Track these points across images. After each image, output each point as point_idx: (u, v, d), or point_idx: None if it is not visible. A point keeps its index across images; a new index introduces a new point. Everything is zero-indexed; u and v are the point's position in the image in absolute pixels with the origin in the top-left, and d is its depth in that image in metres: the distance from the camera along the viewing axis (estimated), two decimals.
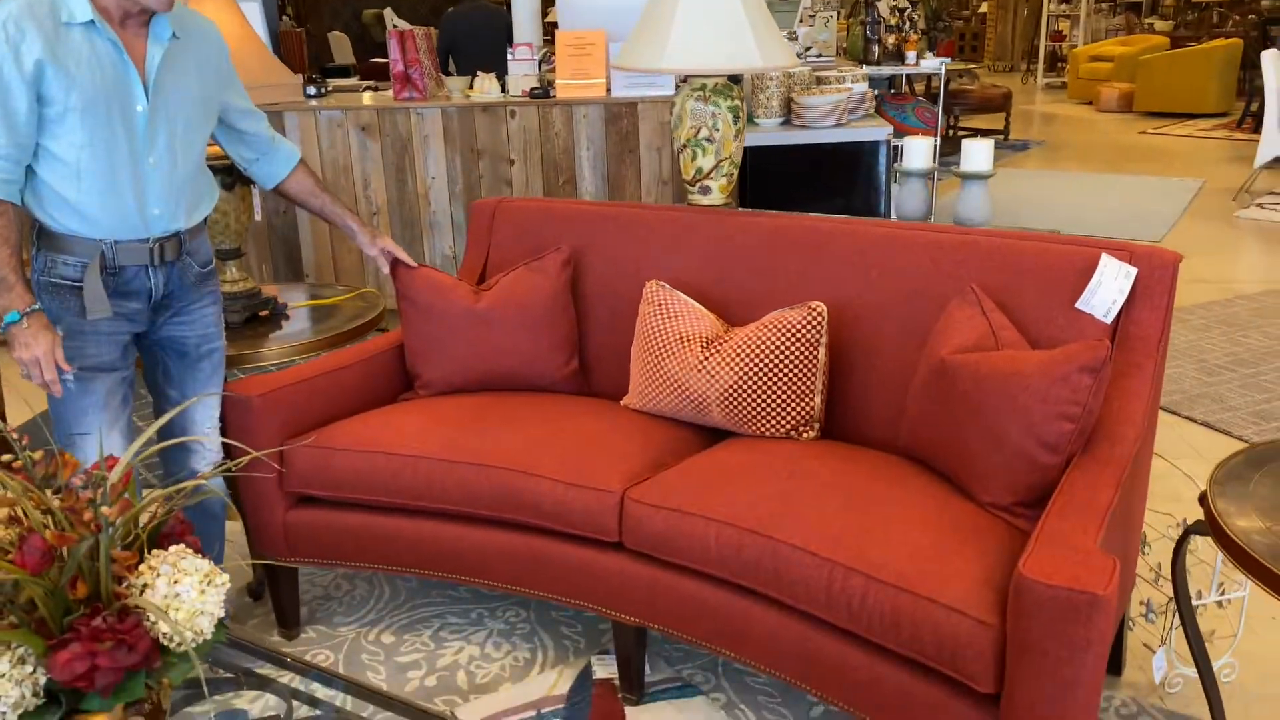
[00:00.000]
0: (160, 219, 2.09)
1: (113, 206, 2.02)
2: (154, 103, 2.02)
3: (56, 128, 1.95)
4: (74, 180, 1.98)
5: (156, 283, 2.14)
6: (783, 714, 2.22)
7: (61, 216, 2.02)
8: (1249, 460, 1.79)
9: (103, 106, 1.96)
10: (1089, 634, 1.49)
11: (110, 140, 1.98)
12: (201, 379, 2.30)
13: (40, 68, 1.89)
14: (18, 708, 1.27)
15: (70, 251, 2.03)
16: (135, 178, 2.03)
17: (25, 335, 1.94)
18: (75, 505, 1.32)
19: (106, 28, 1.95)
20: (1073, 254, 2.15)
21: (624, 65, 2.79)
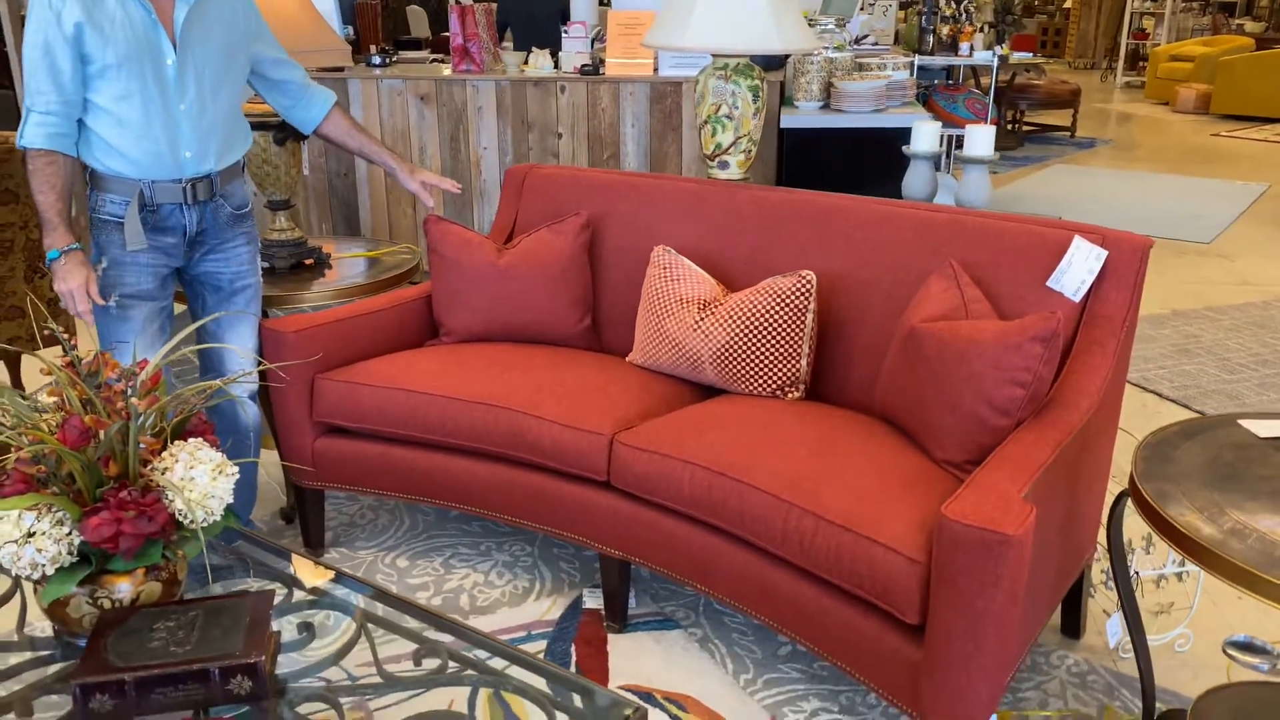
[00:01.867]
0: (191, 161, 2.33)
1: (149, 150, 2.26)
2: (182, 56, 2.26)
3: (98, 82, 2.20)
4: (116, 127, 2.23)
5: (190, 220, 2.38)
6: (753, 650, 2.39)
7: (106, 159, 2.27)
8: (1183, 431, 1.91)
9: (136, 62, 2.20)
10: (999, 571, 1.63)
11: (144, 91, 2.23)
12: (236, 311, 2.54)
13: (79, 30, 2.13)
14: (55, 562, 1.50)
15: (114, 191, 2.29)
16: (168, 124, 2.28)
17: (63, 270, 2.22)
18: (110, 396, 1.55)
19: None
20: (1049, 235, 2.27)
21: (650, 43, 2.96)
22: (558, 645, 2.40)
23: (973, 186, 2.76)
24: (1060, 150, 9.12)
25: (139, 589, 1.58)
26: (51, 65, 2.15)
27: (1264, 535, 1.55)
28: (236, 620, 1.53)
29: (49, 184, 2.22)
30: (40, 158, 2.21)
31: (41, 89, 2.17)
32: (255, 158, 2.92)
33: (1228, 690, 1.96)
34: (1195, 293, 5.05)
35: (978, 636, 1.68)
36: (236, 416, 2.58)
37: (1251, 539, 1.54)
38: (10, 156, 3.07)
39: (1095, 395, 2.08)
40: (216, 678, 1.45)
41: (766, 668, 2.33)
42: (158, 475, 1.55)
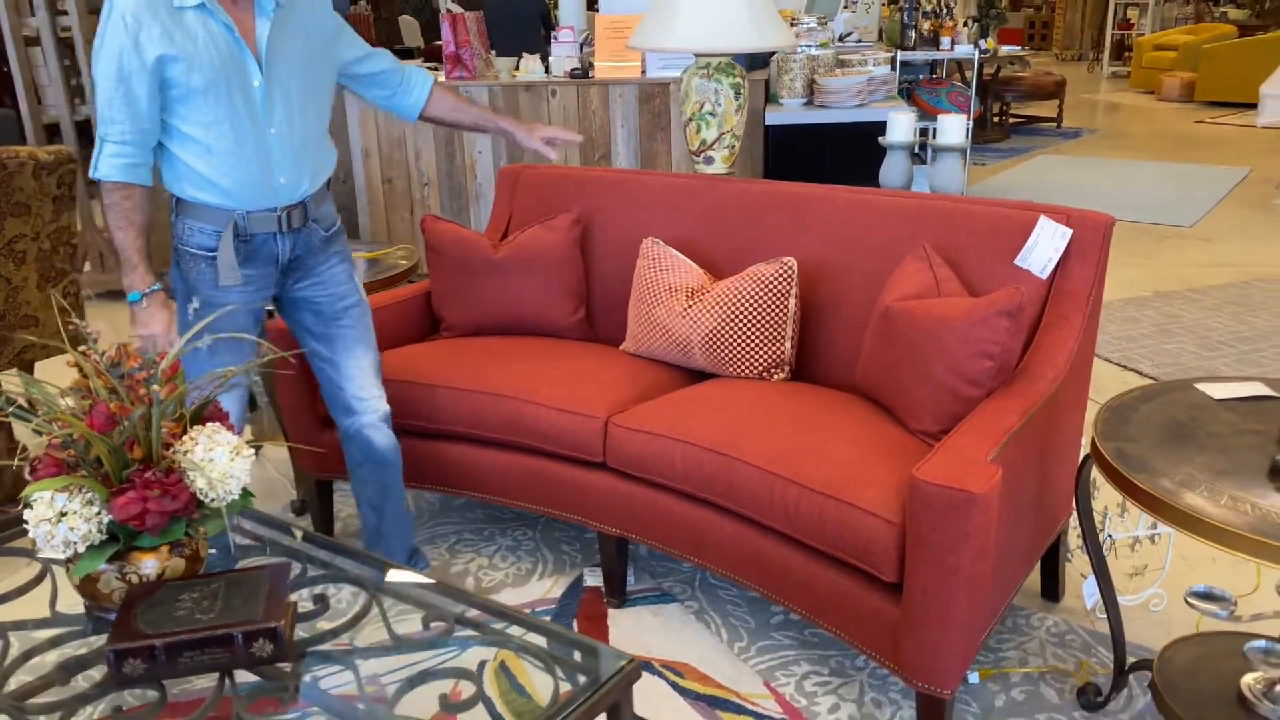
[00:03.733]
0: (286, 187, 2.16)
1: (242, 178, 2.10)
2: (268, 75, 2.08)
3: (182, 108, 2.03)
4: (205, 155, 2.07)
5: (284, 248, 2.22)
6: (746, 620, 2.50)
7: (194, 189, 2.11)
8: (1143, 395, 2.02)
9: (223, 85, 2.03)
10: (967, 527, 1.75)
11: (233, 116, 2.06)
12: (344, 334, 2.36)
13: (160, 56, 1.97)
14: (86, 539, 1.61)
15: (204, 220, 2.12)
16: (260, 150, 2.10)
17: (145, 314, 2.09)
18: (133, 385, 1.66)
19: (219, 9, 2.02)
20: (1017, 217, 2.39)
21: (636, 44, 3.08)
22: (560, 621, 2.51)
23: (945, 173, 2.87)
24: (1046, 141, 9.24)
25: (164, 565, 1.69)
26: (128, 93, 1.98)
27: (1211, 484, 1.66)
28: (256, 590, 1.64)
29: (127, 219, 2.08)
30: (117, 191, 2.06)
31: (116, 118, 2.00)
32: None
33: (1191, 640, 2.07)
34: (1177, 275, 5.16)
35: (950, 591, 1.79)
36: (370, 444, 2.44)
37: (1201, 489, 1.65)
38: (21, 170, 3.19)
39: (1062, 366, 2.19)
40: (240, 642, 1.56)
41: (760, 636, 2.44)
42: (180, 457, 1.66)
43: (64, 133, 5.09)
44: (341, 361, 2.38)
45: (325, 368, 2.39)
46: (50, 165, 3.25)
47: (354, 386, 2.39)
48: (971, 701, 2.20)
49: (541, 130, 2.62)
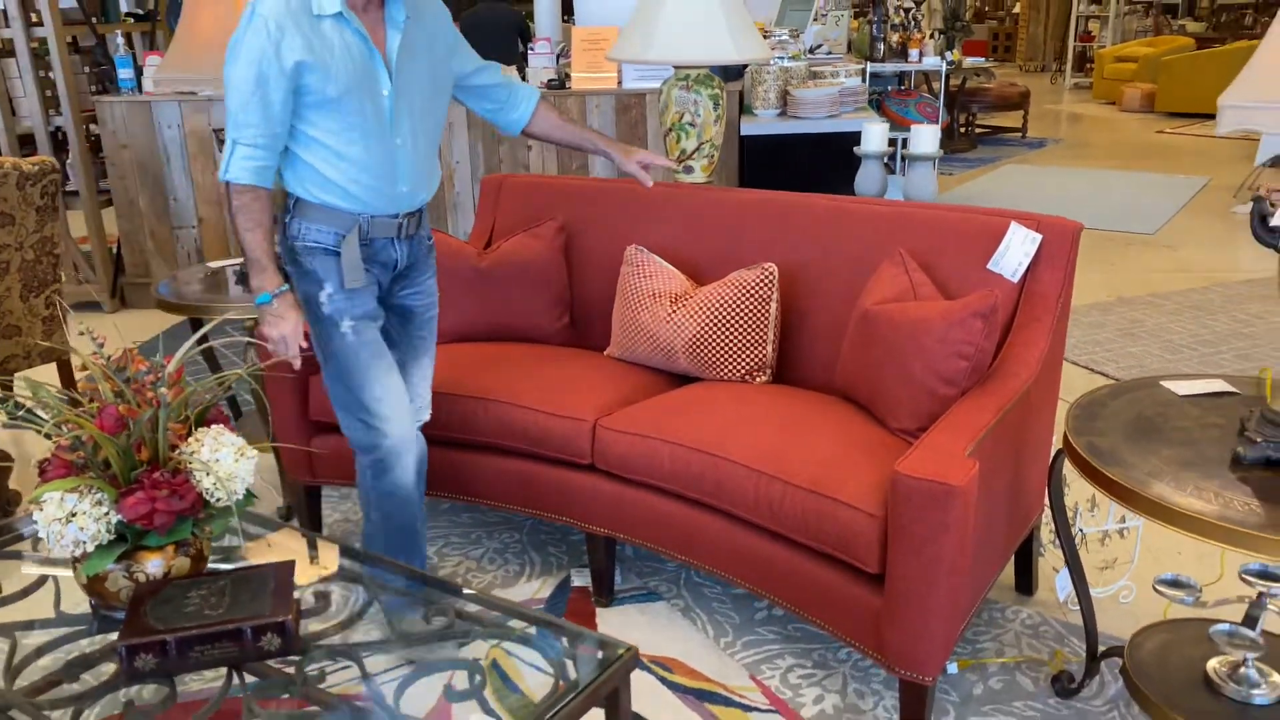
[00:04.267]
0: (407, 195, 2.22)
1: (368, 185, 2.14)
2: (396, 86, 2.12)
3: (314, 115, 2.07)
4: (334, 161, 2.11)
5: (400, 254, 2.28)
6: (731, 617, 2.57)
7: (320, 192, 2.14)
8: (1112, 392, 2.11)
9: (356, 94, 2.07)
10: (946, 519, 1.82)
11: (364, 125, 2.10)
12: (420, 343, 2.43)
13: (299, 63, 2.01)
14: (95, 539, 1.65)
15: (326, 223, 2.16)
16: (386, 158, 2.14)
17: (275, 315, 2.12)
18: (141, 388, 1.70)
19: (354, 18, 2.06)
20: (989, 223, 2.48)
21: (616, 56, 3.15)
22: None
23: (918, 181, 2.96)
24: (1012, 151, 9.41)
25: (169, 563, 1.73)
26: (264, 98, 2.02)
27: (1176, 475, 1.75)
28: (263, 586, 1.69)
29: (255, 221, 2.10)
30: (246, 193, 2.08)
31: (251, 121, 2.03)
32: None
33: (1160, 626, 2.16)
34: (1141, 280, 5.30)
35: (931, 580, 1.87)
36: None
37: (1167, 479, 1.74)
38: (5, 180, 3.20)
39: (1034, 365, 2.28)
40: (249, 636, 1.60)
41: (745, 631, 2.51)
42: (186, 458, 1.70)
43: (39, 143, 5.09)
44: (411, 369, 2.42)
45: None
46: (34, 176, 3.27)
47: (413, 393, 2.42)
48: (951, 691, 2.28)
49: (637, 154, 2.61)
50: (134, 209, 5.16)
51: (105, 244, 5.24)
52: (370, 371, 2.25)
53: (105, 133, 5.04)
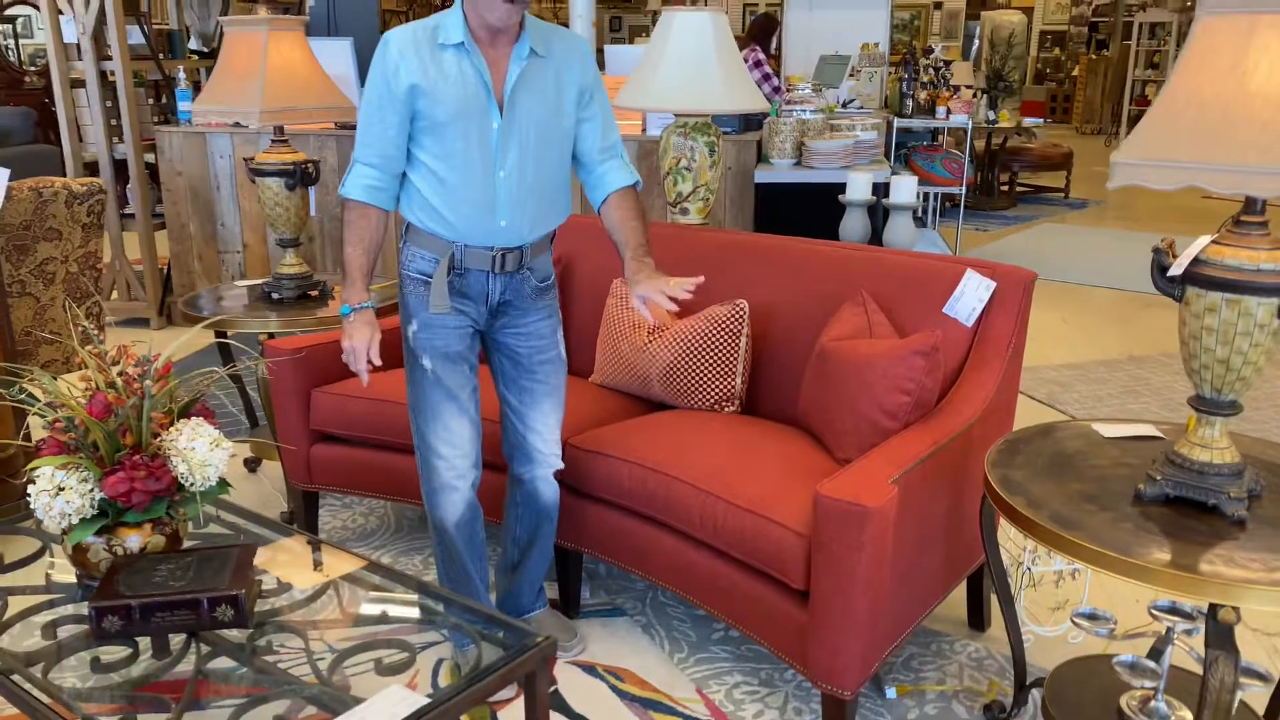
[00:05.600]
0: (505, 230, 2.22)
1: (466, 213, 2.19)
2: (507, 120, 2.16)
3: (425, 139, 2.16)
4: (437, 186, 2.19)
5: (494, 289, 2.28)
6: (689, 635, 2.69)
7: (424, 217, 2.22)
8: (1041, 431, 2.21)
9: (464, 121, 2.13)
10: (861, 537, 1.94)
11: (466, 152, 2.15)
12: (536, 387, 2.41)
13: (413, 90, 2.12)
14: (79, 513, 1.84)
15: (428, 248, 2.24)
16: (486, 189, 2.18)
17: (351, 327, 2.23)
18: (130, 380, 1.91)
19: (475, 50, 2.14)
20: (947, 269, 2.60)
21: (619, 104, 3.35)
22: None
23: (897, 230, 3.10)
24: (1052, 210, 9.46)
25: (146, 540, 1.92)
26: (382, 119, 2.14)
27: (1076, 504, 1.85)
28: (225, 564, 1.86)
29: (357, 237, 2.21)
30: (355, 209, 2.20)
31: (369, 141, 2.17)
32: (269, 200, 3.32)
33: (1084, 660, 2.24)
34: (1153, 340, 5.33)
35: (848, 596, 1.98)
36: (538, 495, 2.50)
37: (1065, 509, 1.84)
38: (55, 198, 3.48)
39: (979, 405, 2.39)
40: (205, 606, 1.77)
41: (699, 649, 2.63)
42: (166, 444, 1.89)
43: (102, 169, 5.43)
44: (528, 413, 2.43)
45: (512, 416, 2.45)
46: (82, 195, 3.55)
47: (536, 439, 2.45)
48: (886, 714, 2.37)
49: (645, 286, 2.26)
50: (184, 232, 5.48)
51: (156, 265, 5.56)
52: (438, 410, 2.31)
53: (163, 160, 5.38)
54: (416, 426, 2.38)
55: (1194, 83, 1.67)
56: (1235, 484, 1.81)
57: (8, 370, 2.08)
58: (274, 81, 3.18)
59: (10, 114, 7.90)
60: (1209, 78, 1.65)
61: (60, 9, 5.21)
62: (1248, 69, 1.62)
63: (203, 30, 6.33)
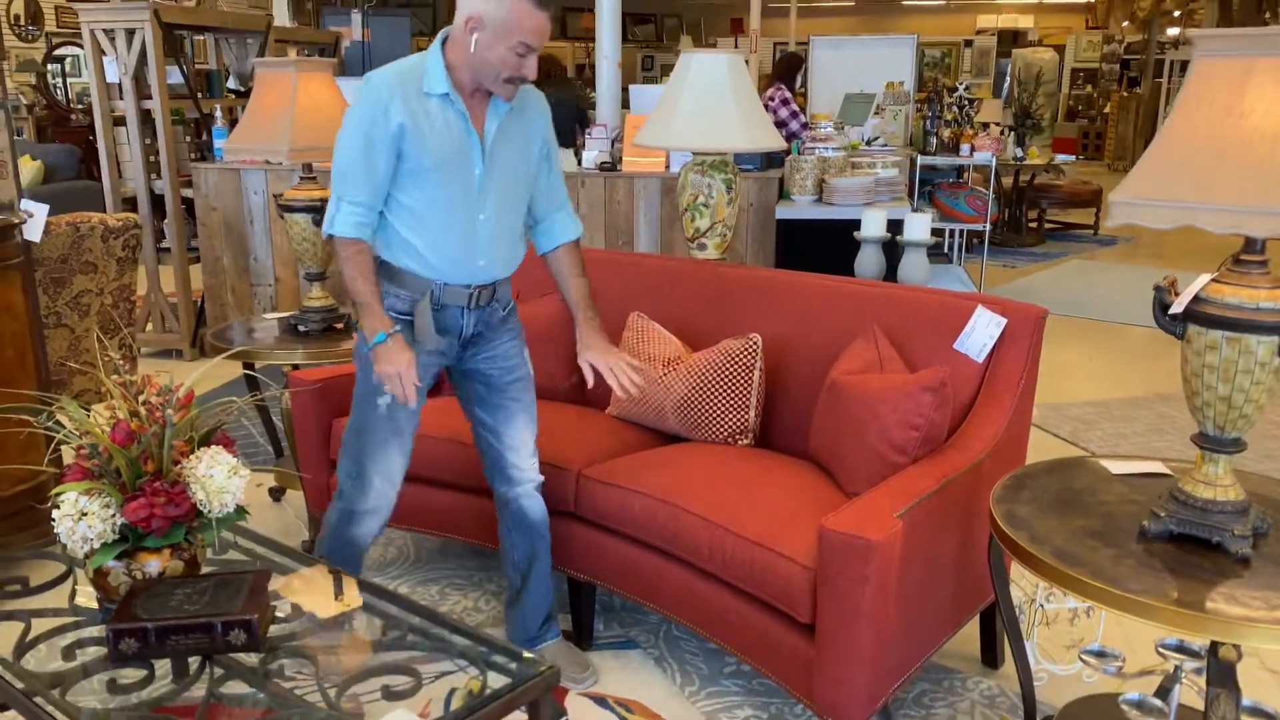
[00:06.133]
0: (484, 269, 2.34)
1: (448, 254, 2.29)
2: (487, 167, 2.28)
3: (408, 181, 2.24)
4: (418, 227, 2.27)
5: (469, 323, 2.39)
6: (700, 668, 2.70)
7: (401, 256, 2.30)
8: (1048, 468, 2.22)
9: (449, 167, 2.23)
10: (866, 571, 1.96)
11: (450, 197, 2.25)
12: (510, 405, 2.50)
13: (402, 129, 2.18)
14: (101, 537, 1.90)
15: (403, 286, 2.31)
16: (468, 231, 2.29)
17: (390, 353, 2.23)
18: (153, 408, 1.97)
19: (459, 99, 2.24)
20: (959, 305, 2.62)
21: (639, 143, 3.41)
22: None
23: (911, 266, 3.12)
24: (1081, 247, 9.42)
25: (165, 565, 1.97)
26: (370, 159, 2.20)
27: (1080, 540, 1.85)
28: (240, 589, 1.91)
29: (362, 271, 2.25)
30: (351, 245, 2.25)
31: (356, 180, 2.21)
32: (296, 235, 3.40)
33: (1094, 698, 2.23)
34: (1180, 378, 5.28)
35: (853, 629, 2.00)
36: (524, 514, 2.56)
37: (1069, 545, 1.85)
38: (91, 233, 3.60)
39: (989, 442, 2.40)
40: (219, 630, 1.82)
41: (710, 682, 2.64)
42: (186, 471, 1.95)
43: (140, 204, 5.58)
44: (505, 431, 2.50)
45: (488, 436, 2.52)
46: (118, 230, 3.66)
47: (514, 456, 2.52)
48: None
49: (593, 355, 2.44)
50: (218, 266, 5.60)
51: (190, 297, 5.68)
52: (385, 445, 2.40)
53: (198, 196, 5.52)
54: (355, 451, 2.43)
55: (1191, 123, 1.70)
56: (1239, 521, 1.81)
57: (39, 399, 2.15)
58: (303, 121, 3.28)
59: (56, 151, 8.14)
60: (1205, 119, 1.68)
61: (104, 50, 5.38)
62: (1244, 111, 1.65)
63: (240, 70, 6.50)
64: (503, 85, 2.21)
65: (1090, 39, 19.36)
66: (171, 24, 5.48)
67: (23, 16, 10.33)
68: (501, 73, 2.19)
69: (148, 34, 5.23)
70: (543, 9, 2.16)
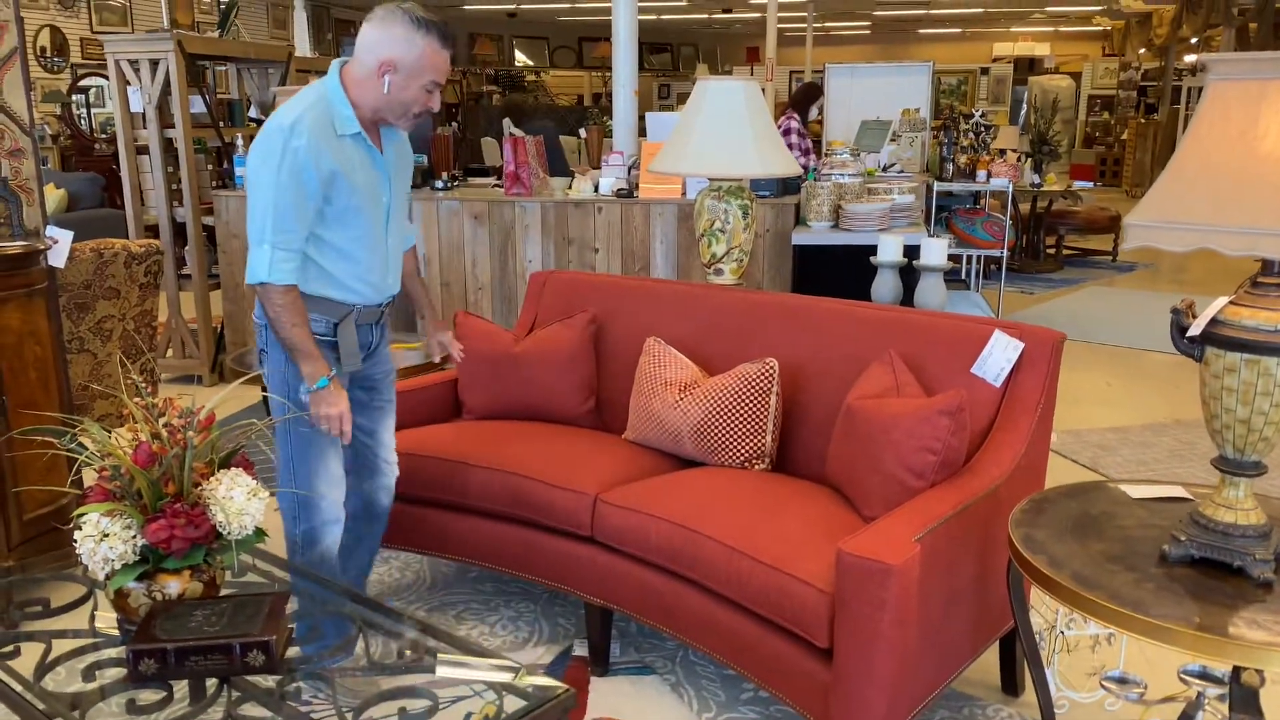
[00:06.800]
0: (391, 285, 2.53)
1: (371, 280, 2.44)
2: (392, 193, 2.46)
3: (335, 223, 2.32)
4: (341, 260, 2.36)
5: (375, 336, 2.56)
6: (718, 694, 2.68)
7: (318, 284, 2.36)
8: (1068, 492, 2.21)
9: (368, 202, 2.36)
10: (884, 595, 1.95)
11: (370, 229, 2.39)
12: (385, 405, 2.68)
13: (334, 174, 2.26)
14: (122, 558, 1.92)
15: (321, 312, 2.38)
16: (382, 254, 2.45)
17: (332, 396, 2.33)
18: (173, 431, 1.99)
19: (364, 137, 2.34)
20: (976, 330, 2.62)
21: (654, 169, 3.44)
22: None
23: (928, 291, 3.13)
24: (1099, 274, 9.38)
25: (185, 587, 1.98)
26: (301, 205, 2.24)
27: (1099, 564, 1.84)
28: (258, 611, 1.91)
29: (300, 316, 2.31)
30: (288, 293, 2.28)
31: (289, 228, 2.24)
32: None
33: None
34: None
35: (871, 654, 1.99)
36: (379, 504, 2.72)
37: (1088, 569, 1.84)
38: (115, 259, 3.64)
39: (1007, 465, 2.39)
40: (237, 651, 1.83)
41: (727, 709, 2.62)
42: (205, 493, 1.96)
43: (162, 231, 5.64)
44: (379, 431, 2.67)
45: (364, 438, 2.63)
46: (140, 256, 3.71)
47: (385, 451, 2.69)
48: None
49: (440, 336, 2.78)
50: (239, 292, 5.65)
51: (210, 323, 5.73)
52: (324, 457, 2.46)
53: (219, 223, 5.59)
54: (301, 475, 2.46)
55: (1205, 146, 1.70)
56: (1261, 546, 1.80)
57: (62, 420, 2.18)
58: None
59: (80, 179, 8.25)
60: (1220, 142, 1.68)
61: (128, 80, 5.47)
62: (1259, 134, 1.65)
63: (262, 99, 6.58)
64: (409, 120, 2.37)
65: (1107, 66, 19.39)
66: (195, 54, 5.56)
67: (49, 48, 10.51)
68: (412, 108, 2.34)
69: (171, 64, 5.31)
70: (446, 47, 2.33)
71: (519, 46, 19.70)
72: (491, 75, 19.16)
